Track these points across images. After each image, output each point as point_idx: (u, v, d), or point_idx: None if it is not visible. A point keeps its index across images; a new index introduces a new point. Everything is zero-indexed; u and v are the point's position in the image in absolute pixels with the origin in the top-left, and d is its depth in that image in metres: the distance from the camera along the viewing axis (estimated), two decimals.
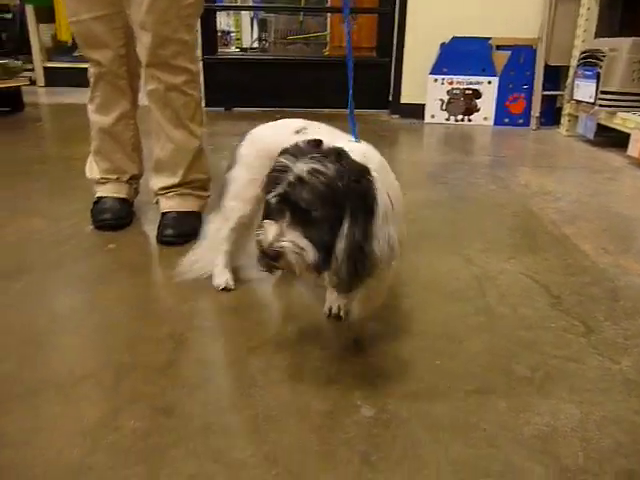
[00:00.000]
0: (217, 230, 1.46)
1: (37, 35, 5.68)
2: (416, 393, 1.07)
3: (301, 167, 0.94)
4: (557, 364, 1.17)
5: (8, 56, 4.46)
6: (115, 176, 1.93)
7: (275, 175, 0.97)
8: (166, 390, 1.05)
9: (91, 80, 1.82)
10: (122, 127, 1.88)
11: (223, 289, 1.42)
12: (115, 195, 1.92)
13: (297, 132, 1.21)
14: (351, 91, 1.21)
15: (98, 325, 1.31)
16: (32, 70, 5.67)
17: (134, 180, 2.00)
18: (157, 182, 1.86)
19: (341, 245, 0.95)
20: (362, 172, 0.98)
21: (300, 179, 0.93)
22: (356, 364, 1.16)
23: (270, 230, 0.96)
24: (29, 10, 5.56)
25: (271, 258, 0.97)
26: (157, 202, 1.89)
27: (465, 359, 1.19)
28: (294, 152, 0.97)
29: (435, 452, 0.92)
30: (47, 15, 5.61)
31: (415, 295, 1.49)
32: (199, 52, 4.53)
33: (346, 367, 1.15)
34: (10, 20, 5.78)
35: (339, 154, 0.97)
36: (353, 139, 1.15)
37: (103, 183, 1.94)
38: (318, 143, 0.99)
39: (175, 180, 1.81)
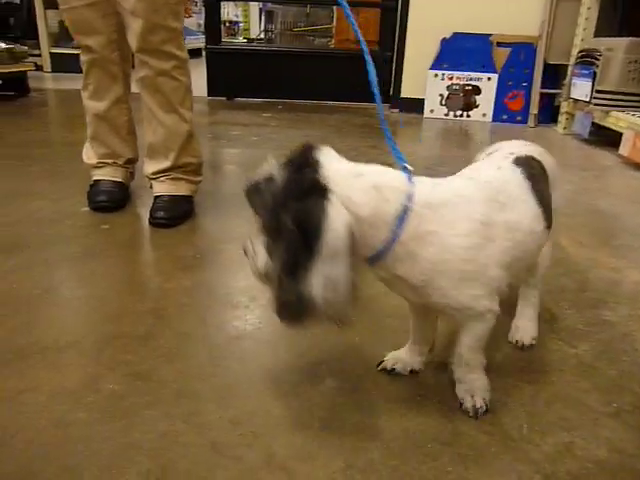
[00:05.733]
0: None
1: (44, 21, 5.75)
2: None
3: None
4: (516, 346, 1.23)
5: (16, 41, 4.52)
6: (111, 160, 2.00)
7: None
8: (144, 358, 1.13)
9: (84, 67, 1.87)
10: (116, 112, 1.94)
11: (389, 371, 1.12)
12: (111, 178, 1.99)
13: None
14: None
15: (85, 298, 1.38)
16: (39, 56, 5.75)
17: (130, 164, 2.07)
18: (150, 166, 1.92)
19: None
20: (312, 189, 0.79)
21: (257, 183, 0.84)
22: (327, 339, 1.23)
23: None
24: None
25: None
26: (151, 186, 1.96)
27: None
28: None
29: (389, 420, 0.98)
30: (54, 1, 5.66)
31: None
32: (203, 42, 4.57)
33: (317, 341, 1.22)
34: (18, 5, 5.84)
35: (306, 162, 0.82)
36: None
37: (100, 167, 2.01)
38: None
39: (167, 164, 1.88)
